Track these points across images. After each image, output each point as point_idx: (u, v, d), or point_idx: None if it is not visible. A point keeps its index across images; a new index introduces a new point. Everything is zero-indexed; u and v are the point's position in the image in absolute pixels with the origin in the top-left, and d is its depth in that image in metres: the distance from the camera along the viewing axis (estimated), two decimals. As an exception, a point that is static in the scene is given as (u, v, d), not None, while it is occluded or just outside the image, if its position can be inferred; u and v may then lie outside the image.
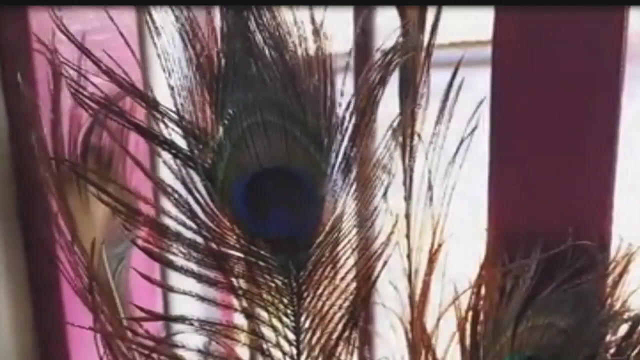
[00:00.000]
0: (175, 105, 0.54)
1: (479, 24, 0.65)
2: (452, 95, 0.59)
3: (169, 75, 0.53)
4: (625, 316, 0.61)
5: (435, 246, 0.60)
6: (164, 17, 0.53)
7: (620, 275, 0.61)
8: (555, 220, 0.61)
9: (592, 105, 0.61)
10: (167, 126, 0.55)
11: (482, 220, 0.64)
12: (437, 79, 0.59)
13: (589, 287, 0.60)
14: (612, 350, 0.61)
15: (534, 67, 0.61)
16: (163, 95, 0.55)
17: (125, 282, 0.67)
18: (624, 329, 0.61)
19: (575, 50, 0.60)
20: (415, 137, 0.59)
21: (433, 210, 0.59)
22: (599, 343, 0.61)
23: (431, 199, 0.59)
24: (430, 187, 0.59)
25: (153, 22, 0.53)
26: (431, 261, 0.60)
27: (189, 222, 0.57)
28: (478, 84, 0.62)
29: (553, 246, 0.59)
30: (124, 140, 0.62)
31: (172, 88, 0.53)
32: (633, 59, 0.62)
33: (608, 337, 0.62)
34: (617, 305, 0.61)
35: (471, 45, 0.73)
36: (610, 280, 0.61)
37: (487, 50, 0.62)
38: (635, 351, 0.60)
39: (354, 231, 0.62)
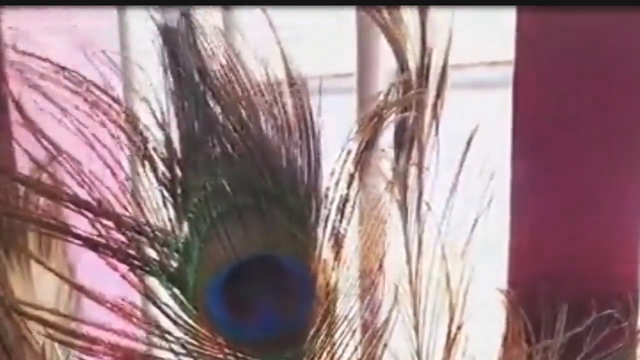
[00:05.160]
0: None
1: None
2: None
3: None
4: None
5: (454, 329, 0.51)
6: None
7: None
8: (581, 283, 0.54)
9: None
10: (116, 230, 0.44)
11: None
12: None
13: (619, 356, 0.53)
14: None
15: (559, 96, 0.54)
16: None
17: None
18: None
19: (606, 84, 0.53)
20: (424, 206, 0.50)
21: (451, 290, 0.51)
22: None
23: (448, 280, 0.51)
24: (446, 268, 0.50)
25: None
26: (449, 346, 0.51)
27: (159, 341, 0.46)
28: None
29: (579, 312, 0.52)
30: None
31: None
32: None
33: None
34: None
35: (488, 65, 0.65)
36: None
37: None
38: None
39: (353, 310, 0.53)
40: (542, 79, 0.55)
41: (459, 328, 0.51)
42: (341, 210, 0.49)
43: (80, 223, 0.44)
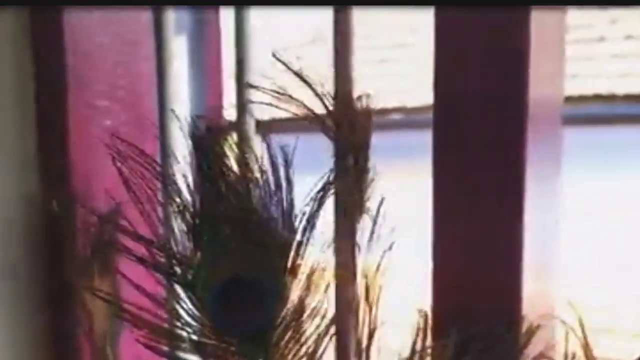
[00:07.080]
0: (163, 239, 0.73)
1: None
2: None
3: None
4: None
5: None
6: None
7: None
8: (475, 300, 0.74)
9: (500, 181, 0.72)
10: (158, 254, 0.74)
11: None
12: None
13: None
14: None
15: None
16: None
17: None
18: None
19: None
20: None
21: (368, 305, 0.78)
22: None
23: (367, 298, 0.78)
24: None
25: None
26: (367, 346, 0.77)
27: (177, 323, 0.75)
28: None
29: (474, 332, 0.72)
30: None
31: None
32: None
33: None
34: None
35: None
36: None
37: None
38: None
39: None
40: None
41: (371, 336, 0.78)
42: (302, 252, 0.77)
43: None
